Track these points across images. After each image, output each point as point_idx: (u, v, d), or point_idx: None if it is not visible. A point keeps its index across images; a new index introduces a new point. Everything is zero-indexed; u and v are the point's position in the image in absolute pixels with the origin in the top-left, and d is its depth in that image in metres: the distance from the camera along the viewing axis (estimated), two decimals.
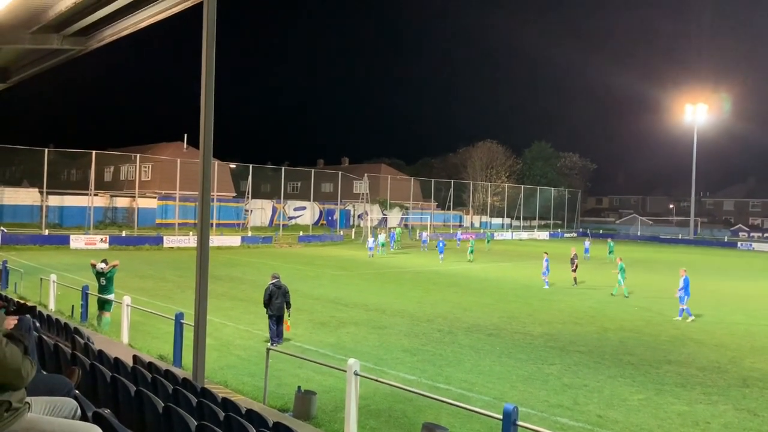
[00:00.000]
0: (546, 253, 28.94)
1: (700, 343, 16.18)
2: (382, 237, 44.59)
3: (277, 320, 14.39)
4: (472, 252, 39.73)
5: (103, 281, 15.92)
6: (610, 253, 42.58)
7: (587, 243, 45.74)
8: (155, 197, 55.19)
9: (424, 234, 53.10)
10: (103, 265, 16.02)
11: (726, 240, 72.72)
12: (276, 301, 14.30)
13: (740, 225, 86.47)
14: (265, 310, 14.55)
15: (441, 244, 39.28)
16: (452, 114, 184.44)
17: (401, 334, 16.20)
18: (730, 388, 12.06)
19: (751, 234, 77.93)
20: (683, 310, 19.90)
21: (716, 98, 79.94)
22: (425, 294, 23.84)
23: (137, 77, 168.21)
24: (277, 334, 14.37)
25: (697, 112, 75.16)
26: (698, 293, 26.44)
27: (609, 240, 48.16)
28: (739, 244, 68.76)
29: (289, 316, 14.66)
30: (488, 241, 54.11)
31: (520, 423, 6.76)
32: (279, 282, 14.63)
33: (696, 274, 35.70)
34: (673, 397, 11.40)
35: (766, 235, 75.48)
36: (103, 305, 15.62)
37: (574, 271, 28.70)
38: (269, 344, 12.93)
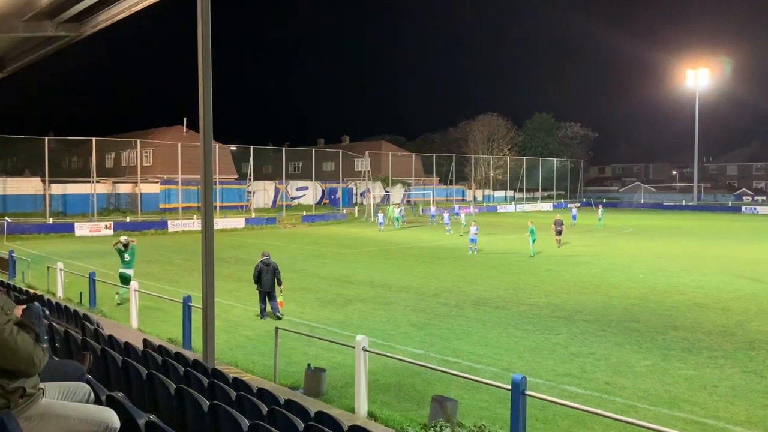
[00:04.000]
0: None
1: (706, 308, 16.24)
2: (397, 211, 44.70)
3: (267, 296, 15.14)
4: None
5: (126, 257, 17.27)
6: (599, 220, 43.80)
7: (574, 211, 47.64)
8: (157, 182, 55.20)
9: (433, 209, 52.91)
10: (125, 238, 17.74)
11: (730, 204, 72.60)
12: (265, 278, 15.00)
13: (744, 189, 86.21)
14: (256, 286, 15.30)
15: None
16: (452, 88, 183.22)
17: (408, 309, 16.29)
18: (736, 352, 12.13)
19: (755, 198, 77.76)
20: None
21: (718, 62, 79.26)
22: (430, 269, 23.92)
23: (134, 63, 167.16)
24: (273, 309, 15.13)
25: (699, 76, 74.53)
26: (703, 258, 26.52)
27: (600, 207, 48.44)
28: (743, 208, 68.67)
29: (281, 292, 15.40)
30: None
31: (528, 392, 6.83)
32: (268, 260, 15.28)
33: (700, 239, 35.81)
34: (680, 362, 11.48)
35: None
36: (127, 280, 16.65)
37: (558, 234, 31.03)
38: (260, 317, 14.84)
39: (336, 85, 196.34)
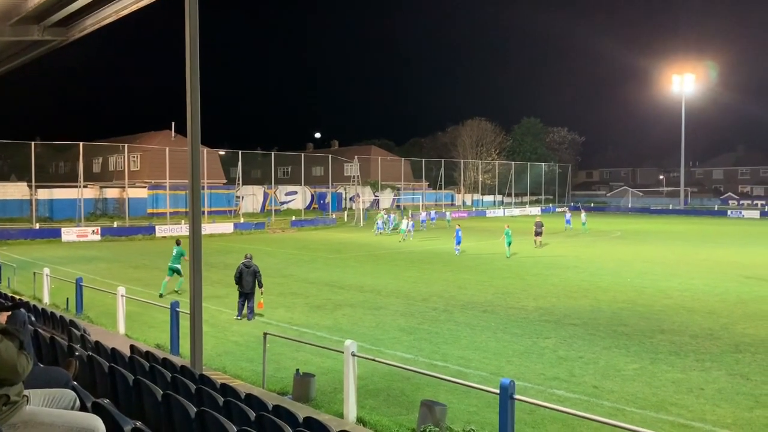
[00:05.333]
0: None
1: (693, 311, 16.36)
2: (404, 223, 42.04)
3: (247, 297, 15.71)
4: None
5: (174, 252, 19.46)
6: (583, 224, 43.92)
7: (568, 215, 47.72)
8: (145, 187, 54.89)
9: (423, 214, 51.49)
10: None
11: (716, 209, 73.27)
12: (246, 279, 15.60)
13: (730, 193, 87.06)
14: (237, 287, 15.88)
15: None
16: (440, 93, 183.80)
17: (397, 314, 16.29)
18: (722, 354, 12.23)
19: (741, 202, 78.49)
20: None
21: (703, 67, 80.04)
22: (419, 273, 23.94)
23: (122, 66, 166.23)
24: (249, 309, 15.71)
25: (685, 82, 75.24)
26: (690, 262, 26.74)
27: (582, 212, 48.07)
28: (729, 212, 69.32)
29: (261, 294, 16.01)
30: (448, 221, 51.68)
31: (516, 396, 6.85)
32: (249, 262, 15.87)
33: (687, 243, 36.09)
34: (667, 365, 11.56)
35: (755, 202, 75.98)
36: (172, 270, 19.31)
37: (538, 234, 32.71)
38: (236, 317, 15.60)
39: (325, 89, 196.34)
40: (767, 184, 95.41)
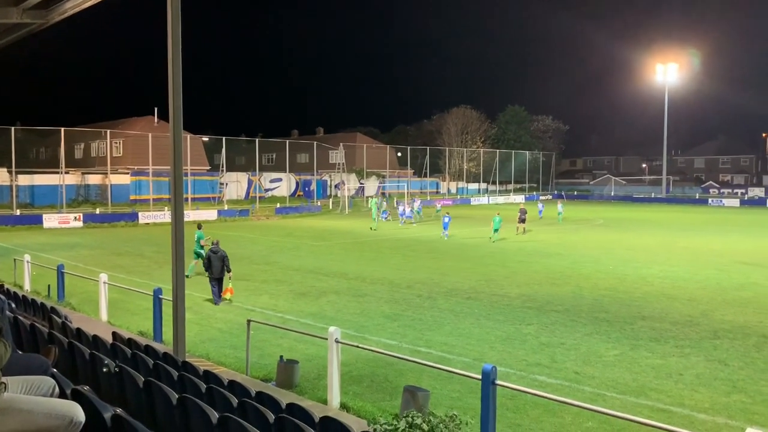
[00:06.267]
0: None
1: (673, 298, 16.58)
2: (400, 207, 42.85)
3: (217, 282, 16.03)
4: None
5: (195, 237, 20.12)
6: (559, 214, 43.31)
7: (541, 205, 47.02)
8: (128, 173, 54.34)
9: (417, 202, 50.54)
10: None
11: (697, 197, 74.11)
12: (215, 265, 15.95)
13: (711, 182, 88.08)
14: (207, 273, 16.34)
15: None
16: (426, 81, 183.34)
17: (381, 300, 16.34)
18: (701, 341, 12.42)
19: (722, 190, 79.44)
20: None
21: (686, 57, 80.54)
22: (404, 261, 24.00)
23: (104, 51, 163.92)
24: (218, 294, 16.01)
25: (668, 71, 75.69)
26: (671, 250, 27.05)
27: (559, 203, 47.49)
28: (710, 200, 70.20)
29: (230, 279, 16.38)
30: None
31: (498, 382, 6.92)
32: (216, 248, 16.29)
33: (668, 231, 36.49)
34: (647, 351, 11.72)
35: (735, 191, 76.94)
36: (196, 254, 19.92)
37: (522, 222, 33.68)
38: (214, 303, 15.78)
39: (310, 76, 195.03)
40: (747, 172, 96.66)
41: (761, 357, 11.33)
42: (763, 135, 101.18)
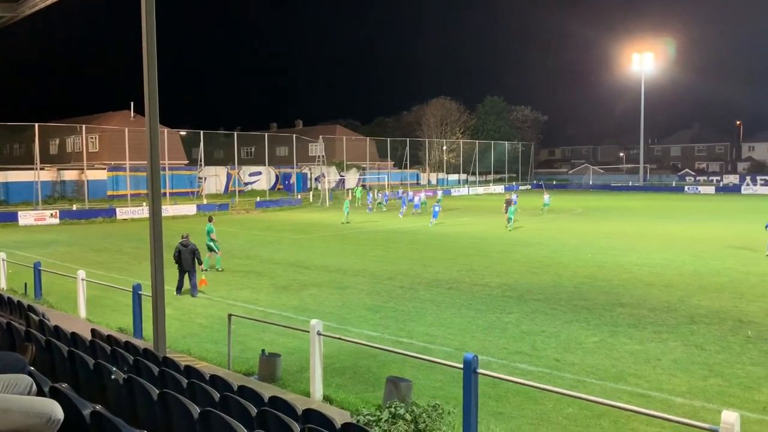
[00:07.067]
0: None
1: (651, 285, 16.82)
2: (379, 195, 43.18)
3: (187, 274, 16.24)
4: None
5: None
6: (545, 205, 42.87)
7: (514, 196, 45.73)
8: (105, 168, 53.63)
9: (411, 193, 49.79)
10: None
11: (674, 185, 75.04)
12: (185, 257, 16.15)
13: (687, 170, 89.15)
14: (177, 265, 16.26)
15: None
16: (405, 72, 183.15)
17: (363, 292, 16.35)
18: (679, 326, 12.63)
19: (697, 178, 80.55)
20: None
21: (662, 46, 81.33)
22: (385, 252, 24.03)
23: (78, 44, 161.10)
24: (192, 286, 16.20)
25: (644, 60, 76.39)
26: (648, 237, 27.41)
27: (545, 193, 47.35)
28: (686, 188, 71.16)
29: (201, 271, 16.86)
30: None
31: (480, 371, 6.97)
32: (186, 241, 16.47)
33: (646, 218, 36.95)
34: (626, 337, 11.88)
35: (710, 178, 78.10)
36: (208, 248, 20.08)
37: (506, 212, 33.15)
38: (174, 293, 15.88)
39: (288, 68, 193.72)
40: (722, 160, 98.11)
41: (737, 341, 11.55)
42: (737, 123, 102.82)
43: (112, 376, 4.71)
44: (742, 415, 6.19)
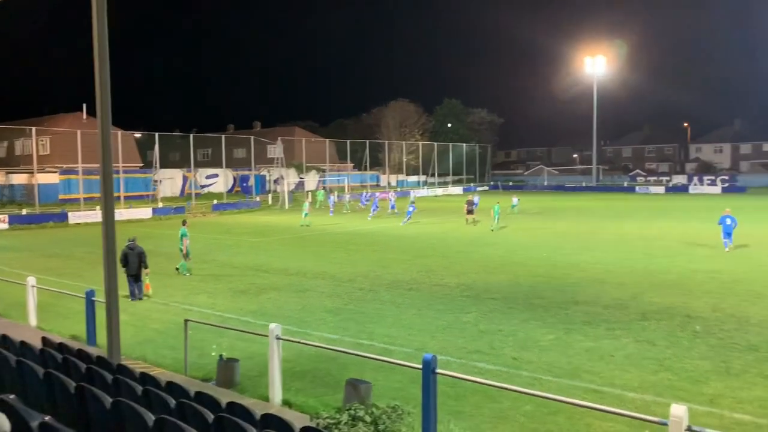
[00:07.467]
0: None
1: (604, 283, 17.24)
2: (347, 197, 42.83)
3: (134, 278, 16.18)
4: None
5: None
6: (513, 206, 43.42)
7: (477, 198, 46.09)
8: (56, 172, 52.11)
9: (377, 194, 49.38)
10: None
11: (625, 185, 77.01)
12: (131, 261, 16.02)
13: (638, 170, 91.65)
14: (124, 270, 15.84)
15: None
16: (364, 74, 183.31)
17: (323, 295, 16.31)
18: (631, 323, 12.98)
19: (648, 178, 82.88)
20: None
21: (614, 49, 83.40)
22: (345, 255, 24.00)
23: (27, 43, 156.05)
24: (137, 289, 16.22)
25: (596, 64, 78.20)
26: (601, 236, 28.08)
27: (514, 196, 48.10)
28: (637, 188, 73.19)
29: (147, 275, 16.49)
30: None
31: (439, 371, 7.04)
32: (133, 244, 16.35)
33: (599, 218, 37.84)
34: (581, 334, 12.16)
35: (660, 178, 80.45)
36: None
37: (469, 213, 34.56)
38: (129, 299, 15.83)
39: (245, 70, 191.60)
40: (671, 161, 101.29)
41: (685, 336, 11.94)
42: (685, 124, 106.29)
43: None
44: (690, 407, 6.41)
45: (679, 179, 75.37)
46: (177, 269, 20.04)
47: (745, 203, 45.60)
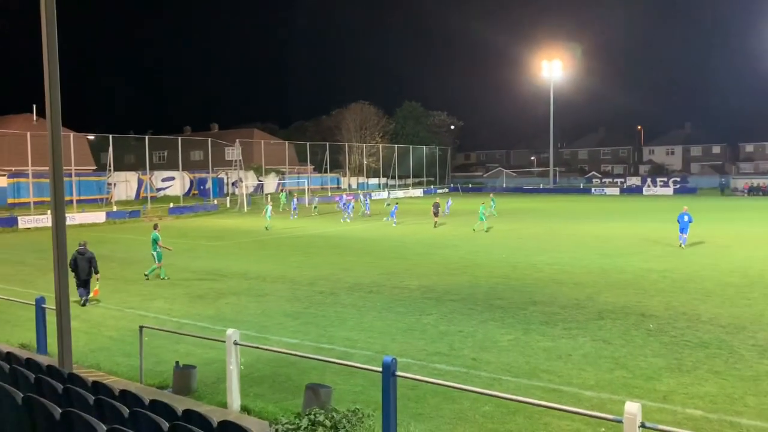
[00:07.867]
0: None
1: (561, 284, 17.54)
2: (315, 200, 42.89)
3: (84, 283, 16.01)
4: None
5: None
6: (491, 207, 43.70)
7: (449, 201, 46.61)
8: (5, 175, 50.43)
9: (345, 197, 49.24)
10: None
11: (581, 187, 78.73)
12: (81, 266, 15.89)
13: (593, 172, 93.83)
14: (73, 274, 15.55)
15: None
16: (324, 76, 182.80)
17: (283, 299, 16.16)
18: (587, 322, 13.23)
19: (603, 180, 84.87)
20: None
21: (569, 54, 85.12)
22: (306, 258, 23.84)
23: None
24: (85, 296, 16.00)
25: (553, 67, 79.69)
26: (558, 237, 28.58)
27: (491, 196, 48.89)
28: (593, 189, 74.90)
29: (97, 280, 16.30)
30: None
31: (399, 373, 7.04)
32: (83, 249, 16.17)
33: (556, 219, 38.52)
34: (539, 334, 12.33)
35: (615, 180, 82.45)
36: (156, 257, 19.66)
37: (435, 215, 34.87)
38: (81, 304, 15.63)
39: (202, 71, 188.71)
40: (626, 163, 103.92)
41: (639, 334, 12.23)
42: (639, 128, 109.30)
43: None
44: (644, 404, 6.57)
45: (634, 181, 77.42)
46: (151, 276, 19.60)
47: (696, 204, 47.03)
